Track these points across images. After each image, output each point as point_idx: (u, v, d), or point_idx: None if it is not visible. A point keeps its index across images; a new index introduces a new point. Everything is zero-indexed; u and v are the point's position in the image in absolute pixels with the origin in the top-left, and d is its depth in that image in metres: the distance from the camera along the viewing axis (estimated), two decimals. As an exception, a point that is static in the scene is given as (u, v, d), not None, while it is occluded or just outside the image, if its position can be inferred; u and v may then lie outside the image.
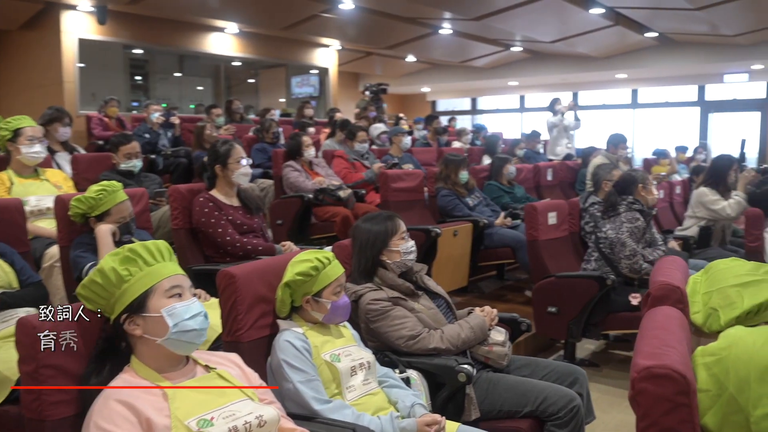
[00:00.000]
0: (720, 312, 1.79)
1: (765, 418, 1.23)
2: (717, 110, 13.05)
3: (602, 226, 4.01)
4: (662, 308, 1.51)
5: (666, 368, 1.08)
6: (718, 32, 9.70)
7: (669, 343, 1.21)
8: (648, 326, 1.36)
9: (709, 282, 1.88)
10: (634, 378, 1.09)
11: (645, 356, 1.14)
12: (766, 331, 1.34)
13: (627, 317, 3.78)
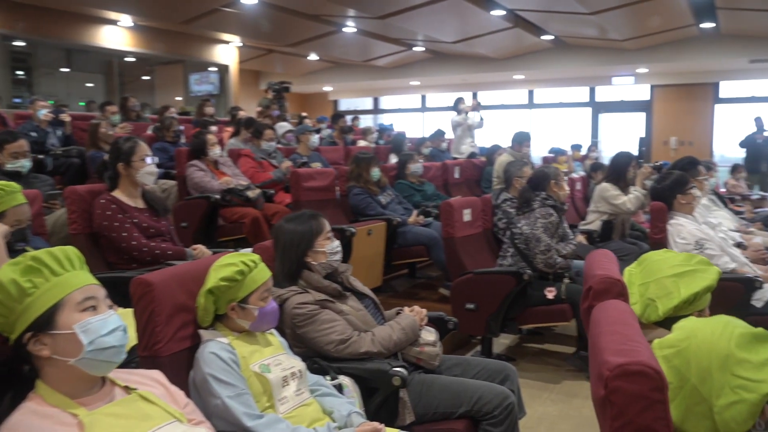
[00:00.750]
0: (658, 302, 1.81)
1: (728, 407, 1.23)
2: (606, 111, 13.76)
3: (517, 222, 4.06)
4: (612, 302, 1.49)
5: (640, 365, 1.04)
6: (607, 37, 10.20)
7: (633, 338, 1.18)
8: (604, 321, 1.32)
9: (644, 273, 1.90)
10: (607, 376, 1.04)
11: (614, 353, 1.09)
12: (723, 320, 1.34)
13: (543, 311, 3.85)
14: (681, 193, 3.91)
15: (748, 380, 1.22)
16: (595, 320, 1.40)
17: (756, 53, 10.50)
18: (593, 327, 1.37)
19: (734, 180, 8.63)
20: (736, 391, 1.22)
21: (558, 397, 3.57)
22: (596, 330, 1.30)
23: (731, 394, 1.22)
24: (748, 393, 1.21)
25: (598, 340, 1.23)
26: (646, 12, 8.60)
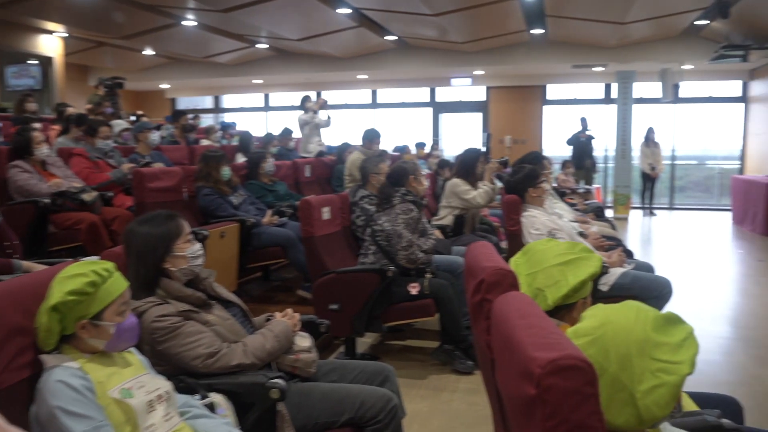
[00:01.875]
0: (546, 292, 1.81)
1: (650, 392, 1.21)
2: (446, 111, 14.30)
3: (377, 219, 4.01)
4: (513, 294, 1.44)
5: (572, 358, 0.97)
6: (447, 39, 10.57)
7: (551, 330, 1.12)
8: (513, 314, 1.26)
9: (530, 263, 1.89)
10: (539, 374, 0.97)
11: (540, 348, 1.02)
12: (634, 305, 1.33)
13: (407, 307, 3.83)
14: (532, 186, 4.08)
15: (667, 363, 1.22)
16: (501, 314, 1.33)
17: (579, 59, 11.41)
18: (501, 322, 1.30)
19: (564, 175, 9.26)
20: (657, 375, 1.21)
21: (427, 393, 3.56)
22: (507, 324, 1.24)
23: (652, 378, 1.21)
24: (668, 375, 1.21)
25: (512, 335, 1.16)
26: (483, 16, 9.00)
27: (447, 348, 3.94)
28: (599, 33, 10.12)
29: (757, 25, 9.10)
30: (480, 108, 13.94)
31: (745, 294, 6.07)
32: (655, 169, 11.91)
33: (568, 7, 8.72)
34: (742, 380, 3.76)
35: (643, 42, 10.93)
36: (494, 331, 1.38)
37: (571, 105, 13.49)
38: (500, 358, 1.31)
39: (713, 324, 4.96)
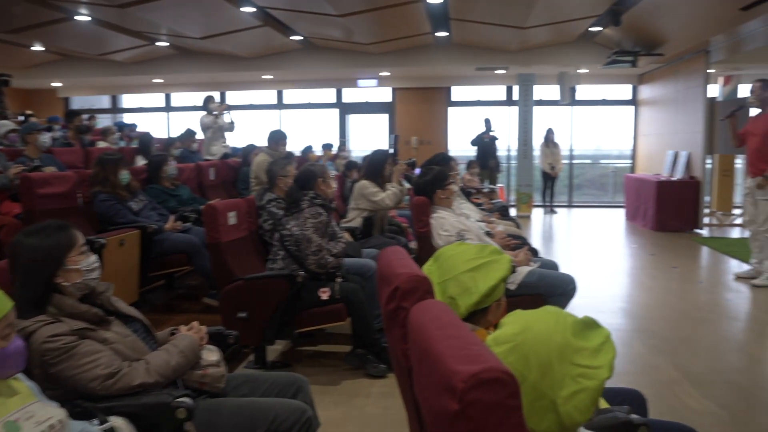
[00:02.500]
0: (458, 300, 1.80)
1: (571, 397, 1.21)
2: (353, 112, 14.29)
3: (286, 224, 3.92)
4: (430, 302, 1.42)
5: (494, 371, 0.95)
6: (353, 40, 10.55)
7: (471, 341, 1.10)
8: (431, 324, 1.23)
9: (441, 271, 1.88)
10: (462, 389, 0.94)
11: (462, 361, 1.00)
12: (552, 311, 1.33)
13: (318, 312, 3.77)
14: (441, 188, 4.12)
15: (587, 368, 1.23)
16: (418, 323, 1.31)
17: (482, 62, 11.70)
18: (418, 331, 1.27)
19: (469, 175, 9.45)
20: (577, 380, 1.22)
21: (340, 399, 3.51)
22: (425, 335, 1.21)
23: (573, 384, 1.21)
24: (588, 380, 1.22)
25: (431, 346, 1.13)
26: (388, 18, 9.04)
27: (359, 352, 3.91)
28: (501, 37, 10.42)
29: (645, 33, 9.64)
30: (386, 109, 14.03)
31: (641, 287, 6.40)
32: (555, 168, 12.40)
33: (471, 11, 8.90)
34: (641, 370, 3.95)
35: (542, 46, 11.35)
36: (411, 340, 1.35)
37: (475, 106, 13.82)
38: (418, 368, 1.29)
39: (612, 317, 5.19)
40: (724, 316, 5.33)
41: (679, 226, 9.82)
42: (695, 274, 6.99)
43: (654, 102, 12.28)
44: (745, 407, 3.45)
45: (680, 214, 9.84)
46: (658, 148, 11.72)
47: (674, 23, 8.88)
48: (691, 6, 8.00)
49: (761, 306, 5.62)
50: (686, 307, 5.51)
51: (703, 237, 9.37)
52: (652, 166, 11.99)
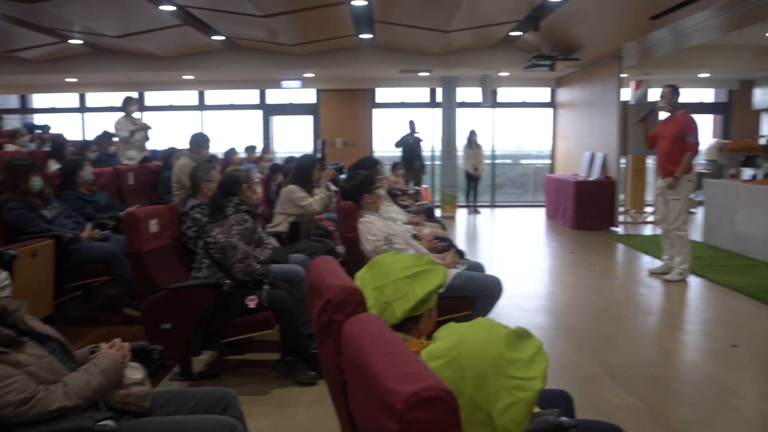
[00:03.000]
0: (395, 305, 1.80)
1: (506, 410, 1.22)
2: (277, 113, 14.10)
3: (210, 231, 3.82)
4: (364, 316, 1.40)
5: (434, 389, 0.95)
6: (277, 41, 10.41)
7: (408, 357, 1.10)
8: (366, 340, 1.22)
9: (376, 277, 1.87)
10: (401, 409, 0.93)
11: (400, 380, 0.98)
12: (485, 323, 1.34)
13: (246, 321, 3.70)
14: (368, 193, 4.12)
15: (521, 379, 1.24)
16: (353, 338, 1.29)
17: (406, 64, 11.80)
18: (354, 347, 1.26)
19: (395, 176, 9.51)
20: (511, 392, 1.23)
21: (269, 409, 3.45)
22: (360, 350, 1.19)
23: (507, 396, 1.22)
24: (523, 392, 1.23)
25: (367, 362, 1.12)
26: (313, 19, 8.97)
27: (289, 360, 3.86)
28: (425, 40, 10.53)
29: (562, 38, 9.97)
30: (311, 110, 13.93)
31: (562, 285, 6.62)
32: (478, 169, 12.66)
33: (395, 14, 8.95)
34: (565, 368, 4.07)
35: (464, 50, 11.54)
36: (346, 354, 1.34)
37: (399, 108, 13.92)
38: (354, 384, 1.27)
39: (536, 315, 5.34)
40: (639, 311, 5.57)
41: (597, 225, 10.21)
42: (612, 271, 7.29)
43: (571, 104, 12.72)
44: (663, 399, 3.61)
45: (597, 213, 10.24)
46: (576, 149, 12.15)
47: (589, 30, 9.23)
48: (604, 14, 8.33)
49: (673, 300, 5.91)
50: (605, 303, 5.73)
51: (619, 235, 9.79)
52: (571, 166, 12.42)
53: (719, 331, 4.90)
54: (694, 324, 5.16)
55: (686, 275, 6.52)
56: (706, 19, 7.32)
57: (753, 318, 5.23)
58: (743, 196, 7.82)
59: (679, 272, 6.49)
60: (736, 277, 6.53)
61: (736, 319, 5.22)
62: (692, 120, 6.29)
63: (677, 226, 6.46)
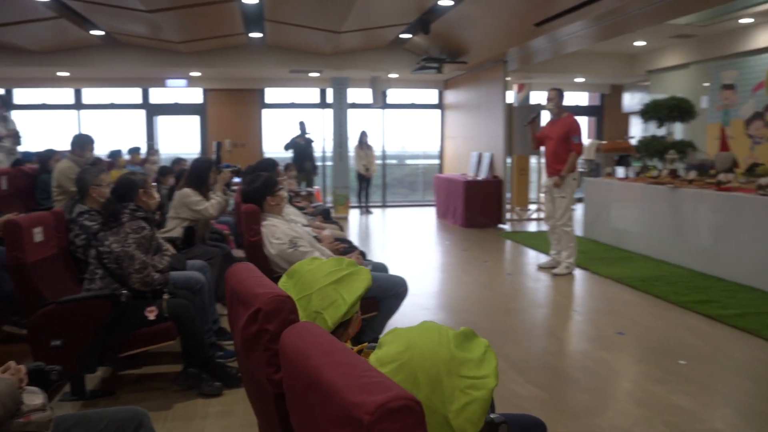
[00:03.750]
0: (325, 314, 1.76)
1: (462, 410, 1.21)
2: (162, 113, 13.50)
3: (104, 240, 3.58)
4: (304, 326, 1.35)
5: (400, 399, 0.92)
6: (162, 38, 9.96)
7: (362, 367, 1.06)
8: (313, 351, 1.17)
9: (299, 286, 1.82)
10: (369, 421, 0.89)
11: (362, 391, 0.95)
12: (433, 326, 1.32)
13: (146, 333, 3.50)
14: (271, 195, 4.02)
15: (474, 378, 1.24)
16: (297, 349, 1.23)
17: (296, 64, 11.67)
18: (299, 358, 1.20)
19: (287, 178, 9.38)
20: (466, 392, 1.22)
21: (175, 424, 3.28)
22: (309, 362, 1.14)
23: (462, 396, 1.22)
24: (477, 391, 1.23)
25: (321, 374, 1.07)
26: (201, 16, 8.66)
27: (192, 371, 3.69)
28: (315, 40, 10.46)
29: (451, 41, 10.24)
30: (197, 111, 13.47)
31: (458, 282, 6.79)
32: (369, 170, 12.75)
33: (286, 13, 8.82)
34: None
35: (355, 51, 11.58)
36: (289, 366, 1.28)
37: (289, 109, 13.76)
38: (300, 397, 1.22)
39: (437, 313, 5.45)
40: (533, 304, 5.82)
41: (486, 222, 10.58)
42: (503, 267, 7.57)
43: (458, 106, 13.11)
44: (563, 387, 3.79)
45: (486, 211, 10.61)
46: (464, 150, 12.53)
47: (477, 34, 9.53)
48: (492, 19, 8.63)
49: (562, 292, 6.23)
50: (500, 298, 5.94)
51: (507, 231, 10.19)
52: (459, 166, 12.79)
53: (605, 319, 5.22)
54: (582, 314, 5.46)
55: (572, 269, 6.89)
56: (582, 28, 7.79)
57: (633, 306, 5.60)
58: (618, 194, 8.38)
59: (566, 266, 6.85)
60: (616, 268, 6.98)
61: (619, 307, 5.58)
62: (576, 122, 6.66)
63: (564, 222, 6.81)
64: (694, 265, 6.82)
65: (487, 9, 8.18)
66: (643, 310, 5.47)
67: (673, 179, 7.62)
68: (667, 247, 7.32)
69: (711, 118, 10.46)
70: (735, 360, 4.27)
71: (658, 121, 8.64)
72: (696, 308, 5.38)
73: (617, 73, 12.32)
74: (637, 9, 6.69)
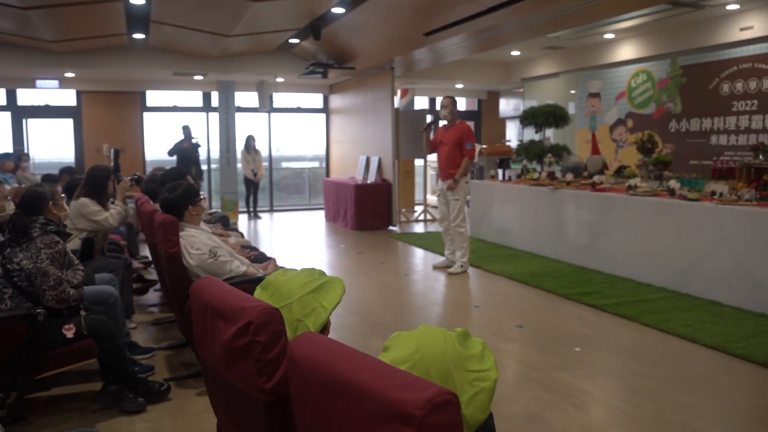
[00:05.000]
0: (307, 321, 1.85)
1: (472, 400, 1.36)
2: (31, 116, 12.60)
3: (12, 257, 3.39)
4: (307, 336, 1.42)
5: (443, 394, 1.04)
6: (33, 35, 9.34)
7: (393, 369, 1.17)
8: (337, 358, 1.25)
9: (277, 297, 1.89)
10: (419, 415, 1.01)
11: (404, 389, 1.06)
12: (435, 329, 1.46)
13: (64, 352, 3.37)
14: (193, 204, 3.98)
15: (479, 371, 1.39)
16: (312, 359, 1.31)
17: (180, 67, 11.34)
18: (318, 367, 1.29)
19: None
20: (473, 384, 1.37)
21: (102, 445, 3.19)
22: (333, 369, 1.24)
23: (471, 388, 1.37)
24: (483, 382, 1.38)
25: (348, 379, 1.18)
26: (81, 15, 8.24)
27: (113, 389, 3.58)
28: (201, 43, 10.24)
29: (339, 47, 10.40)
30: (71, 113, 12.73)
31: (361, 284, 6.94)
32: (257, 174, 12.64)
33: (175, 15, 8.59)
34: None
35: (242, 54, 11.45)
36: (301, 377, 1.36)
37: (172, 112, 13.34)
38: (317, 405, 1.30)
39: (347, 316, 5.57)
40: (434, 302, 6.10)
41: (376, 225, 10.84)
42: (400, 268, 7.83)
43: (344, 110, 13.30)
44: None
45: (376, 214, 10.88)
46: (351, 154, 12.74)
47: (367, 41, 9.76)
48: (383, 27, 8.88)
49: (459, 290, 6.57)
50: (403, 298, 6.17)
51: (397, 233, 10.50)
52: (346, 169, 12.99)
53: (504, 313, 5.58)
54: (482, 310, 5.80)
55: (466, 267, 7.27)
56: (463, 41, 8.26)
57: (526, 300, 6.03)
58: (501, 195, 8.91)
59: (460, 265, 7.21)
60: (505, 265, 7.45)
61: (514, 302, 5.98)
62: (469, 129, 7.04)
63: (457, 224, 7.17)
64: (575, 260, 7.42)
65: (378, 17, 8.42)
66: (536, 304, 5.90)
67: (552, 181, 8.22)
68: (549, 244, 7.90)
69: (579, 124, 11.36)
70: (621, 344, 4.75)
71: (535, 126, 9.29)
72: (582, 299, 5.89)
73: (494, 80, 13.04)
74: (513, 26, 7.24)
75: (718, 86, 8.93)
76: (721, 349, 4.52)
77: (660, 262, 6.25)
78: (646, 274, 6.41)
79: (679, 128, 9.57)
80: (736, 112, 8.71)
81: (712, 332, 4.85)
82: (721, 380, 4.01)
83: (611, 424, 3.40)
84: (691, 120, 9.41)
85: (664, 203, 6.28)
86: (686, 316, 5.27)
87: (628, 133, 10.43)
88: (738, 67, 8.66)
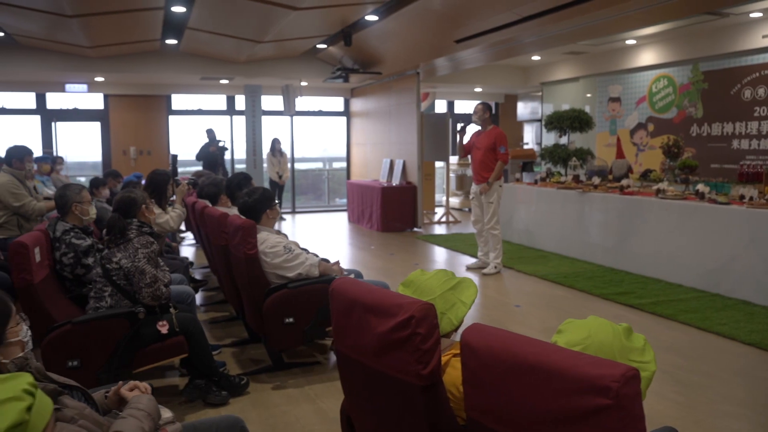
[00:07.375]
0: (449, 314, 2.10)
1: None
2: (60, 119, 12.78)
3: (111, 257, 3.62)
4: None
5: (632, 369, 1.28)
6: (68, 41, 9.55)
7: (573, 351, 1.42)
8: (521, 345, 1.49)
9: (420, 293, 2.13)
10: (616, 387, 1.24)
11: (595, 366, 1.30)
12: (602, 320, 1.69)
13: (159, 348, 3.59)
14: (270, 208, 4.21)
15: (640, 362, 1.62)
16: (491, 347, 1.55)
17: (208, 71, 11.58)
18: (500, 352, 1.53)
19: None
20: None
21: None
22: (519, 353, 1.48)
23: None
24: (643, 372, 1.61)
25: (541, 361, 1.41)
26: (123, 22, 8.46)
27: (199, 383, 3.81)
28: (230, 48, 10.47)
29: (366, 52, 10.62)
30: (98, 117, 12.96)
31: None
32: (282, 176, 12.87)
33: (211, 22, 8.82)
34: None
35: (268, 59, 11.68)
36: (477, 362, 1.60)
37: (197, 115, 13.58)
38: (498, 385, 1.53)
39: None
40: (474, 302, 6.31)
41: (401, 226, 11.07)
42: (434, 268, 8.02)
43: (366, 114, 13.51)
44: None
45: (402, 216, 11.11)
46: (373, 156, 12.95)
47: (395, 47, 9.99)
48: (412, 34, 9.11)
49: (497, 290, 6.79)
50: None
51: (423, 234, 10.72)
52: (367, 172, 13.21)
53: (545, 313, 5.81)
54: (524, 309, 6.02)
55: (500, 268, 7.49)
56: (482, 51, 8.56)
57: (564, 300, 6.25)
58: (528, 197, 9.13)
59: (494, 266, 7.44)
60: (537, 266, 7.67)
61: (552, 301, 6.20)
62: (503, 134, 7.26)
63: (491, 226, 7.40)
64: (603, 261, 7.64)
65: (409, 24, 8.65)
66: (574, 303, 6.13)
67: (577, 184, 8.45)
68: (576, 246, 8.12)
69: (599, 128, 11.58)
70: (662, 341, 4.97)
71: (560, 130, 9.51)
72: (617, 299, 6.12)
73: (512, 84, 13.25)
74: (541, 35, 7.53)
75: (740, 92, 9.15)
76: (759, 346, 4.75)
77: (689, 263, 6.47)
78: (676, 275, 6.63)
79: (701, 132, 9.79)
80: (758, 117, 8.93)
81: (749, 330, 5.08)
82: (765, 374, 4.24)
83: (668, 415, 3.63)
84: (712, 124, 9.62)
85: (694, 206, 6.50)
86: (721, 315, 5.49)
87: (649, 137, 10.65)
88: (760, 74, 8.88)
